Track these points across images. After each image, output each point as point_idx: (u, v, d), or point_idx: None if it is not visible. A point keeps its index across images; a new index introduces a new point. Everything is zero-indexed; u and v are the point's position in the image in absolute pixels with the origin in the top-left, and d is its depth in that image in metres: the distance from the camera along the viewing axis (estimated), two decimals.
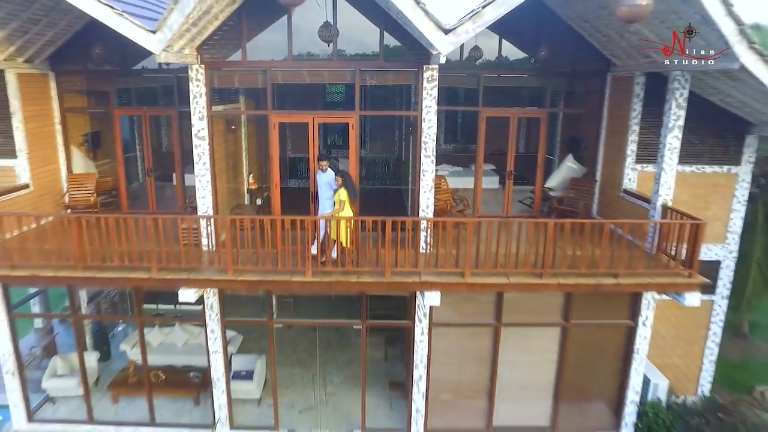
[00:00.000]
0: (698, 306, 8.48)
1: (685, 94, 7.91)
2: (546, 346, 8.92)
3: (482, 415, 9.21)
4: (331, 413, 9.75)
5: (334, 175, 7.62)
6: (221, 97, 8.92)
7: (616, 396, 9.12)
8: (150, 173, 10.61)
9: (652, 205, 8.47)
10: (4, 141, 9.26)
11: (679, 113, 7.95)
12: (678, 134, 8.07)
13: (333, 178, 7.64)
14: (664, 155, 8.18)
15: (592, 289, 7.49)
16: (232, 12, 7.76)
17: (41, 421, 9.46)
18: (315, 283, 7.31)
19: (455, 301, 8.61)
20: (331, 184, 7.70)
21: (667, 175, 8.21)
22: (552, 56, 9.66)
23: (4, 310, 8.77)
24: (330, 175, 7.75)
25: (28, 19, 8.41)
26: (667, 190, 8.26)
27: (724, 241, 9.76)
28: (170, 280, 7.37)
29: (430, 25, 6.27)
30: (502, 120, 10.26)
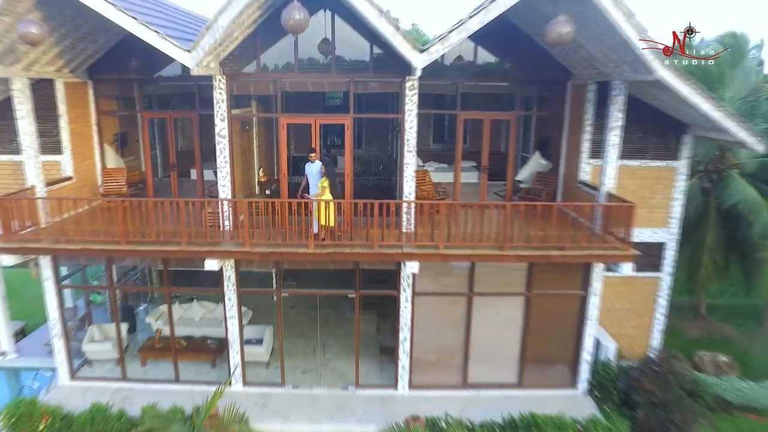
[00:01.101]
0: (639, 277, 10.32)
1: (623, 99, 9.71)
2: (512, 313, 10.69)
3: (458, 373, 10.96)
4: (329, 374, 11.51)
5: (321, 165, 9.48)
6: (237, 102, 10.74)
7: (572, 356, 10.87)
8: (174, 168, 12.42)
9: (599, 192, 10.24)
10: (52, 139, 11.07)
11: (618, 116, 9.74)
12: (618, 133, 9.86)
13: (320, 168, 9.47)
14: (607, 151, 9.98)
15: (543, 259, 9.27)
16: (249, 33, 9.58)
17: (82, 378, 11.22)
18: (316, 254, 9.10)
19: (434, 274, 10.39)
20: (319, 172, 9.52)
21: (609, 168, 10.00)
22: (521, 67, 11.43)
23: (54, 282, 10.55)
24: (317, 165, 9.59)
25: (77, 38, 10.24)
26: (610, 180, 10.04)
27: (667, 226, 11.50)
28: (198, 251, 9.16)
29: (407, 46, 8.08)
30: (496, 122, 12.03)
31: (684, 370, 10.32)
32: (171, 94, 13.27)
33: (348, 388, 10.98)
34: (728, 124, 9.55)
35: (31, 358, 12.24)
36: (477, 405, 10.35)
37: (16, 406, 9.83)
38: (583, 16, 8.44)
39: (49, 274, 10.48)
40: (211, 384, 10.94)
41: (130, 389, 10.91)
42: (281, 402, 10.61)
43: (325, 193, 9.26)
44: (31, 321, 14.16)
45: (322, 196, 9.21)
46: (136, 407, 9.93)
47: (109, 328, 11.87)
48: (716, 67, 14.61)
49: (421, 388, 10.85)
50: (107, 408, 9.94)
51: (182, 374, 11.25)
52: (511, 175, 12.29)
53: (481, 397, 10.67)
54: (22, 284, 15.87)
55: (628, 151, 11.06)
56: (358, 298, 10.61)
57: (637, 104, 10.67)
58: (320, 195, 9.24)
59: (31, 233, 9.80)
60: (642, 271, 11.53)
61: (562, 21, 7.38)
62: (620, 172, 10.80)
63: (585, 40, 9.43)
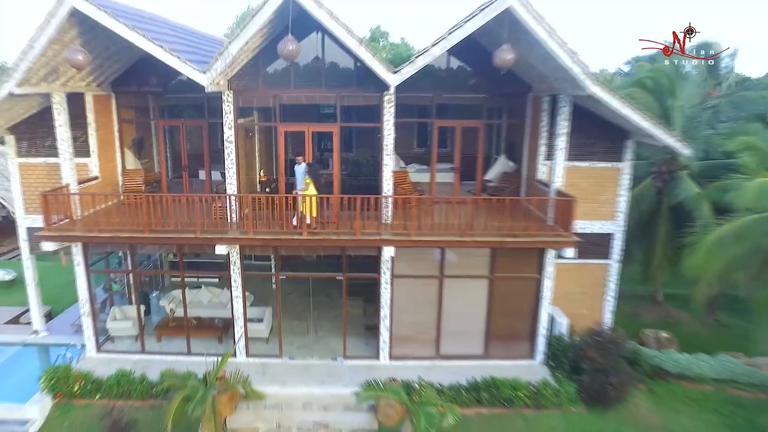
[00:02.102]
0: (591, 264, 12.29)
1: (569, 110, 11.67)
2: (478, 294, 12.60)
3: (432, 346, 12.87)
4: (321, 348, 13.41)
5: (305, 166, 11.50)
6: (242, 113, 12.70)
7: (530, 331, 12.79)
8: (185, 169, 14.37)
9: (551, 189, 12.20)
10: (82, 144, 13.01)
11: (565, 124, 11.72)
12: (565, 139, 11.83)
13: (304, 169, 11.46)
14: (556, 154, 11.94)
15: (498, 245, 11.22)
16: (252, 56, 11.55)
17: (106, 351, 13.12)
18: (308, 240, 11.04)
19: (410, 260, 12.31)
20: (304, 172, 11.49)
21: (558, 168, 11.96)
22: (488, 81, 13.39)
23: (84, 267, 12.47)
24: (303, 166, 11.57)
25: (105, 57, 12.21)
26: (558, 179, 12.00)
27: (615, 219, 13.42)
28: (210, 238, 11.10)
29: (383, 69, 10.06)
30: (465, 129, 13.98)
31: (622, 341, 12.22)
32: (182, 104, 15.21)
33: (336, 359, 12.90)
34: (656, 132, 11.52)
35: (59, 336, 14.20)
36: (448, 372, 12.22)
37: (54, 371, 11.75)
38: (528, 43, 10.42)
39: (80, 260, 12.40)
40: (219, 356, 12.86)
41: (148, 360, 12.80)
42: (279, 370, 12.52)
43: (309, 189, 11.21)
44: (55, 306, 16.06)
45: (306, 192, 11.16)
46: (154, 373, 11.83)
47: (129, 309, 13.81)
48: (667, 79, 16.67)
49: (400, 358, 12.76)
50: (130, 373, 11.85)
51: (193, 348, 13.15)
52: (481, 175, 14.25)
53: (451, 366, 12.57)
54: (46, 275, 17.70)
55: (580, 154, 13.01)
56: (345, 281, 12.53)
57: (587, 114, 12.59)
58: (305, 190, 11.20)
59: (66, 224, 11.74)
60: (593, 259, 13.50)
61: (506, 49, 9.35)
62: (573, 171, 12.83)
63: (535, 61, 11.41)
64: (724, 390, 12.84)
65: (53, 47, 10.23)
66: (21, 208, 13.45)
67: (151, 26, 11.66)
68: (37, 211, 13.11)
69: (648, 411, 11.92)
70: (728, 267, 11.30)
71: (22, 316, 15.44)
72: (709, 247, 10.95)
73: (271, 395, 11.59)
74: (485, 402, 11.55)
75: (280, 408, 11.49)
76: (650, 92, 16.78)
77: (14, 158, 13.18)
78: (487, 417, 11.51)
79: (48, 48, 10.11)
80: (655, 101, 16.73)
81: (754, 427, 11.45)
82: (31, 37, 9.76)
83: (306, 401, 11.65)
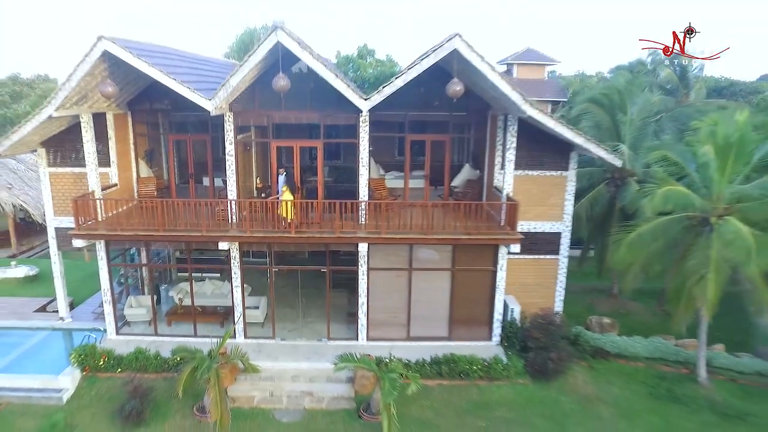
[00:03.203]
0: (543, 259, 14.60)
1: (515, 128, 14.03)
2: (442, 284, 14.98)
3: (403, 329, 15.24)
4: (308, 331, 15.80)
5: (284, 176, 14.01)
6: (241, 130, 15.12)
7: (487, 317, 15.15)
8: (191, 177, 16.80)
9: (502, 195, 14.58)
10: (103, 156, 15.41)
11: (512, 139, 14.09)
12: (513, 152, 14.20)
13: (284, 179, 13.91)
14: (505, 164, 14.33)
15: (454, 241, 13.61)
16: (249, 85, 13.97)
17: (124, 334, 15.52)
18: (296, 237, 13.43)
19: (384, 255, 14.69)
20: (284, 182, 13.93)
21: (508, 177, 14.34)
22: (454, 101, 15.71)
23: (106, 261, 14.88)
24: (283, 177, 14.03)
25: (125, 83, 14.62)
26: (508, 186, 14.38)
27: (562, 220, 15.77)
28: (213, 236, 13.51)
29: (355, 97, 12.46)
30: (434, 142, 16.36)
31: (562, 324, 14.58)
32: (189, 120, 17.58)
33: (321, 340, 15.29)
34: (589, 146, 13.91)
35: (81, 322, 16.61)
36: (416, 351, 14.56)
37: (82, 349, 14.16)
38: (479, 75, 12.82)
39: (103, 255, 14.81)
40: (221, 338, 15.26)
41: (161, 341, 15.19)
42: (272, 349, 14.91)
43: (285, 195, 13.63)
44: (75, 297, 18.45)
45: (284, 197, 13.58)
46: (166, 352, 14.21)
47: (143, 299, 16.22)
48: (618, 96, 19.07)
49: (376, 340, 15.12)
50: (146, 351, 14.25)
51: (199, 331, 15.54)
52: (448, 182, 16.66)
53: (420, 346, 14.92)
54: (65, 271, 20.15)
55: (531, 164, 15.39)
56: (329, 273, 14.94)
57: (538, 131, 14.93)
58: (282, 196, 13.63)
59: (92, 225, 14.15)
60: (545, 254, 15.89)
61: (455, 82, 11.77)
62: (525, 179, 15.23)
63: (487, 88, 13.79)
64: (654, 366, 15.21)
65: (86, 79, 12.66)
66: (50, 211, 15.88)
67: (166, 60, 14.08)
68: (63, 213, 15.62)
69: (584, 383, 14.28)
70: (648, 261, 13.65)
71: (48, 306, 17.85)
72: (631, 244, 13.30)
73: (265, 369, 13.98)
74: (445, 375, 13.93)
75: (272, 379, 13.86)
76: (603, 107, 19.18)
77: (45, 168, 15.62)
78: (447, 387, 13.89)
79: (82, 80, 12.53)
80: (607, 115, 19.14)
81: (671, 395, 13.80)
82: (69, 73, 12.21)
83: (294, 374, 14.03)
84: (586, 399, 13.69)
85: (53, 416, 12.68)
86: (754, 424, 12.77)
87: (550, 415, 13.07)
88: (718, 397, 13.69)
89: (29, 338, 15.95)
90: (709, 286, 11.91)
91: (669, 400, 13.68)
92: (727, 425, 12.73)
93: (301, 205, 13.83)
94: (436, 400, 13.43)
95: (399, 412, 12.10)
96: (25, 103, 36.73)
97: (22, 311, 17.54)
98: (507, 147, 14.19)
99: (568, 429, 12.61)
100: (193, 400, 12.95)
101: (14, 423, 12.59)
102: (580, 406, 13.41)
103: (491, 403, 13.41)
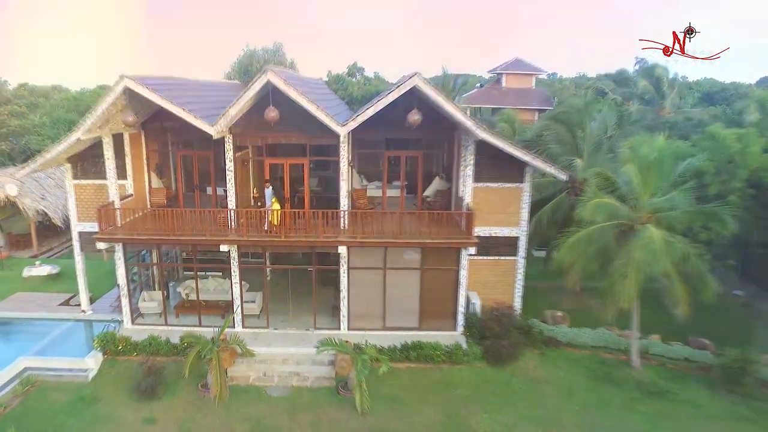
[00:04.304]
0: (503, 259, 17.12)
1: (473, 147, 16.55)
2: (412, 281, 17.50)
3: (380, 320, 17.79)
4: (298, 322, 18.37)
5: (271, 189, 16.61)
6: (239, 149, 17.73)
7: (452, 310, 17.66)
8: (196, 187, 19.44)
9: (464, 204, 17.10)
10: (121, 170, 18.06)
11: (470, 157, 16.61)
12: (472, 167, 16.73)
13: (271, 191, 16.50)
14: (466, 179, 16.86)
15: (420, 244, 16.16)
16: (246, 113, 16.58)
17: (138, 324, 18.17)
18: (286, 241, 16.03)
19: (362, 255, 17.24)
20: (271, 194, 16.52)
21: (468, 189, 16.87)
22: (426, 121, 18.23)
23: (123, 261, 17.52)
24: (270, 190, 16.63)
25: (140, 108, 17.26)
26: (468, 196, 16.90)
27: (519, 226, 18.26)
28: (215, 239, 16.13)
29: (333, 123, 15.04)
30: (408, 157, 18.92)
31: (515, 316, 17.09)
32: (194, 138, 20.23)
33: (309, 329, 17.87)
34: (537, 164, 16.44)
35: (101, 314, 19.26)
36: (391, 339, 17.06)
37: (104, 335, 16.81)
38: (438, 104, 15.35)
39: (121, 256, 17.45)
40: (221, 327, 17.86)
41: (170, 330, 17.79)
42: (266, 337, 17.50)
43: (274, 205, 16.24)
44: (94, 293, 21.11)
45: (273, 207, 16.18)
46: (174, 338, 16.83)
47: (155, 294, 18.87)
48: (578, 115, 21.57)
49: (356, 329, 17.66)
50: (158, 338, 16.87)
51: (203, 322, 18.13)
52: (420, 192, 19.21)
53: (393, 335, 17.44)
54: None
55: (492, 177, 17.87)
56: (315, 271, 17.53)
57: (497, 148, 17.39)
58: (272, 206, 16.22)
59: (112, 229, 16.81)
60: (505, 256, 18.40)
61: (414, 112, 14.36)
62: (487, 190, 17.74)
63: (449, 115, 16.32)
64: (598, 354, 17.71)
65: (109, 109, 15.32)
66: (74, 217, 18.55)
67: (175, 90, 16.71)
68: (86, 219, 18.30)
69: (534, 367, 16.80)
70: (587, 262, 16.12)
71: (71, 300, 20.54)
72: (570, 246, 15.78)
73: (259, 353, 16.55)
74: (413, 359, 16.47)
75: (265, 362, 16.45)
76: (564, 124, 21.68)
77: (70, 180, 18.30)
78: (414, 369, 16.43)
79: (105, 110, 15.19)
80: (567, 132, 21.64)
81: (607, 377, 16.30)
82: (96, 105, 14.88)
83: (285, 358, 16.61)
84: (533, 380, 16.20)
85: (81, 391, 15.33)
86: (671, 400, 15.26)
87: (501, 393, 15.57)
88: (646, 378, 16.17)
89: (56, 328, 18.61)
90: (629, 282, 14.38)
91: (605, 381, 16.17)
92: (649, 400, 15.22)
93: (290, 214, 16.42)
94: (404, 380, 15.97)
95: (371, 389, 14.70)
96: (41, 112, 39.56)
97: (49, 305, 20.25)
98: (467, 164, 16.71)
99: (514, 404, 15.10)
100: (198, 379, 15.53)
101: (49, 396, 15.23)
102: (527, 386, 15.91)
103: (452, 383, 15.93)
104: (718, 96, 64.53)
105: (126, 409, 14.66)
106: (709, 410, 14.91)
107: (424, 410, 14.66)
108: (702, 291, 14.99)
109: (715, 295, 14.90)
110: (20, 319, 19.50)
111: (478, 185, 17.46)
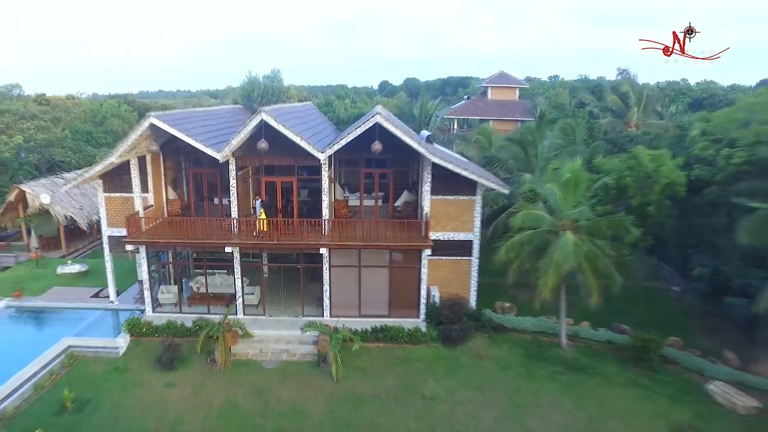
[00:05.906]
0: (460, 259, 21.16)
1: (431, 167, 20.60)
2: (382, 277, 21.57)
3: (356, 309, 21.87)
4: (289, 310, 22.50)
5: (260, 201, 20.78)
6: (240, 168, 21.93)
7: (416, 301, 21.71)
8: (205, 198, 23.68)
9: (424, 214, 21.16)
10: (143, 185, 22.29)
11: (428, 176, 20.67)
12: (429, 183, 20.79)
13: (260, 203, 20.66)
14: (424, 193, 20.93)
15: (386, 247, 20.24)
16: (245, 140, 20.75)
17: (158, 312, 22.39)
18: (277, 244, 20.19)
19: (341, 256, 21.33)
20: (260, 205, 20.67)
21: (426, 201, 20.93)
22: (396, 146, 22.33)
23: (146, 260, 21.76)
24: (260, 202, 20.80)
25: (160, 135, 21.48)
26: (426, 207, 20.96)
27: (472, 231, 22.27)
28: (221, 242, 20.31)
29: (314, 150, 19.16)
30: (380, 174, 23.00)
31: (465, 305, 21.12)
32: (203, 158, 24.44)
33: (298, 316, 22.01)
34: (482, 181, 20.48)
35: (126, 305, 23.51)
36: (365, 324, 21.11)
37: (131, 320, 21.05)
38: (398, 136, 19.42)
39: (144, 256, 21.68)
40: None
41: (184, 317, 21.97)
42: (263, 322, 21.65)
43: (262, 215, 20.41)
44: (119, 287, 25.37)
45: (261, 216, 20.34)
46: (188, 323, 21.01)
47: (171, 287, 23.11)
48: (531, 135, 25.56)
49: (336, 317, 21.75)
50: (174, 322, 21.08)
51: (211, 310, 22.32)
52: (392, 203, 23.32)
53: (367, 321, 21.49)
54: None
55: (449, 191, 21.86)
56: (302, 269, 21.67)
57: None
58: (261, 216, 20.39)
59: (137, 234, 21.03)
60: (461, 257, 22.42)
61: (376, 143, 18.41)
62: (444, 202, 21.76)
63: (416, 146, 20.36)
64: (537, 338, 21.67)
65: (136, 139, 19.57)
66: (105, 224, 22.82)
67: (188, 122, 20.95)
68: (114, 225, 22.55)
69: (481, 347, 20.81)
70: (522, 261, 20.10)
71: (100, 293, 24.83)
72: (507, 248, 19.77)
73: (257, 335, 20.68)
74: (381, 339, 20.54)
75: (262, 342, 20.58)
76: (519, 144, 25.67)
77: (101, 193, 22.58)
78: (382, 348, 20.50)
79: (134, 140, 19.44)
80: (521, 150, 25.63)
81: (540, 355, 20.27)
82: (126, 137, 19.11)
83: (277, 339, 20.75)
84: (478, 357, 20.21)
85: (114, 363, 19.54)
86: (588, 373, 19.21)
87: (450, 366, 19.59)
88: (570, 356, 20.14)
89: (89, 315, 22.88)
90: (548, 278, 18.35)
91: (537, 358, 20.14)
92: (569, 373, 19.18)
93: (281, 222, 20.58)
94: (372, 356, 20.05)
95: (346, 363, 18.78)
96: (63, 125, 44.11)
97: (82, 297, 24.54)
98: (425, 180, 20.79)
99: (458, 374, 19.11)
100: (207, 354, 19.66)
101: (89, 367, 19.44)
102: (472, 361, 19.93)
103: (411, 358, 19.98)
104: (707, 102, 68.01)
105: (150, 377, 18.84)
106: (614, 380, 18.87)
107: (386, 378, 18.73)
108: (612, 284, 18.91)
109: (620, 287, 18.75)
110: (60, 308, 23.79)
111: (436, 198, 21.51)
